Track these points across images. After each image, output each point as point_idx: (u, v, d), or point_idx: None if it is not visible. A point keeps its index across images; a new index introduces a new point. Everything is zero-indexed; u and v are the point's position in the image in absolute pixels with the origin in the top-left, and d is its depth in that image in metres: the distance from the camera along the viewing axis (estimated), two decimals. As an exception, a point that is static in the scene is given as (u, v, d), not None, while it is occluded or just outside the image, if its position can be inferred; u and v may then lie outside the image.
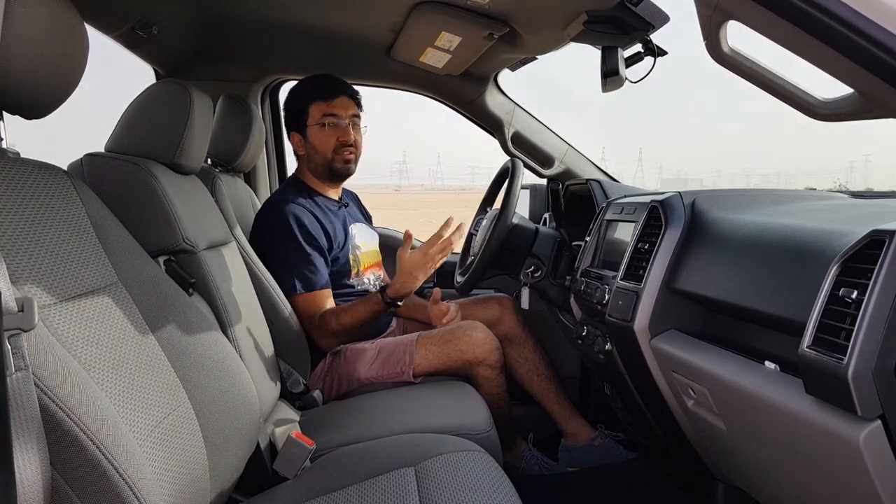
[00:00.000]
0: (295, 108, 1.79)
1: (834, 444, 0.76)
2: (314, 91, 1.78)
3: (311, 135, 1.78)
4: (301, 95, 1.79)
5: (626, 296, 1.23)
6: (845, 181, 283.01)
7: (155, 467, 0.81)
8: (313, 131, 1.77)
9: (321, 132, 1.76)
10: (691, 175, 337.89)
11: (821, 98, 0.94)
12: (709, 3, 0.88)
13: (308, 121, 1.77)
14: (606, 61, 1.52)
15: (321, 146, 1.77)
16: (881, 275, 0.69)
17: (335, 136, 1.76)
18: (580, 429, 1.86)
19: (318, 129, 1.76)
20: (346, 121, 1.77)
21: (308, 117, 1.77)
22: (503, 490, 0.99)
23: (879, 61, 0.74)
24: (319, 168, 1.80)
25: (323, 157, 1.78)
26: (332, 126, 1.76)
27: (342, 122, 1.76)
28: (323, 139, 1.76)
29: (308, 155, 1.80)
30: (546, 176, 2.19)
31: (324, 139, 1.76)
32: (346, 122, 1.77)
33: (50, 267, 0.81)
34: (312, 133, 1.77)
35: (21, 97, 0.81)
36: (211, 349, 1.06)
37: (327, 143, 1.76)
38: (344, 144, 1.77)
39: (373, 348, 1.68)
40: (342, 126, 1.77)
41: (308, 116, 1.77)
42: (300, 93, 1.80)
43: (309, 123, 1.77)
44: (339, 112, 1.76)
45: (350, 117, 1.78)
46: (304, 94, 1.79)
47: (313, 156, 1.79)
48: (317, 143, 1.77)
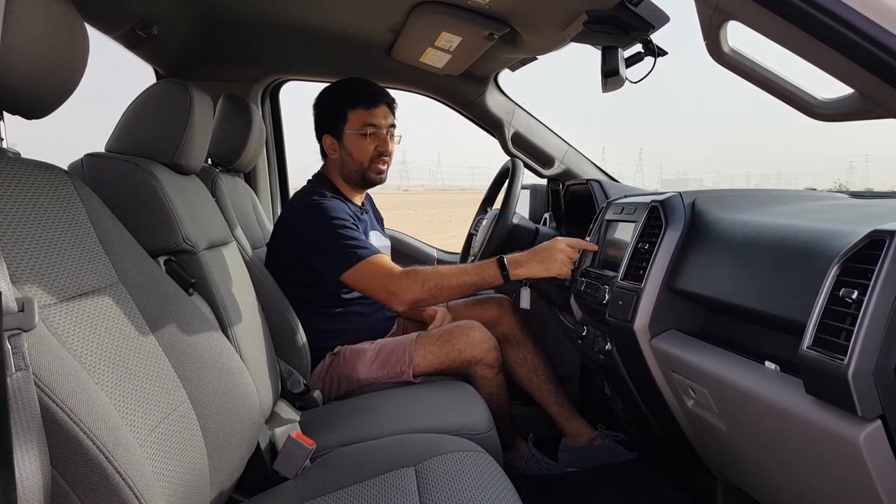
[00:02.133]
0: (332, 111, 1.75)
1: (834, 445, 0.76)
2: (355, 96, 1.73)
3: (349, 141, 1.74)
4: (339, 99, 1.75)
5: (627, 296, 1.23)
6: (845, 181, 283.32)
7: (155, 467, 0.81)
8: (351, 138, 1.73)
9: (360, 140, 1.73)
10: (691, 175, 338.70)
11: (821, 98, 0.94)
12: (709, 3, 0.88)
13: (346, 127, 1.73)
14: (607, 61, 1.52)
15: (359, 154, 1.74)
16: (881, 275, 0.69)
17: (374, 146, 1.73)
18: (580, 429, 1.86)
19: (357, 136, 1.73)
20: (385, 130, 1.74)
21: (346, 123, 1.73)
22: (503, 490, 0.99)
23: (879, 61, 0.74)
24: (353, 175, 1.77)
25: (359, 164, 1.74)
26: (371, 135, 1.72)
27: (381, 132, 1.73)
28: (361, 147, 1.73)
29: (342, 160, 1.76)
30: (546, 176, 2.19)
31: (362, 147, 1.73)
32: (385, 132, 1.74)
33: (50, 267, 0.81)
34: (350, 139, 1.74)
35: (21, 97, 0.81)
36: (211, 349, 1.06)
37: (365, 151, 1.73)
38: (381, 154, 1.74)
39: (372, 348, 1.68)
40: (381, 136, 1.73)
41: (346, 122, 1.73)
42: (338, 96, 1.75)
43: (347, 130, 1.73)
44: (380, 121, 1.73)
45: (388, 127, 1.75)
46: (343, 99, 1.74)
47: (348, 162, 1.75)
48: (354, 151, 1.74)
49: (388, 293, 1.56)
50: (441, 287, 1.54)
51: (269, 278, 1.60)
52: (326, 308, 1.73)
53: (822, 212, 1.04)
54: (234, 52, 2.01)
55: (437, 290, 1.54)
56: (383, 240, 1.93)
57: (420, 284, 1.54)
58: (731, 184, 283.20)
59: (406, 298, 1.55)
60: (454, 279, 1.55)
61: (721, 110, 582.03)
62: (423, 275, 1.54)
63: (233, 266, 1.39)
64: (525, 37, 1.66)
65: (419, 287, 1.53)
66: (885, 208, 1.07)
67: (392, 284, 1.55)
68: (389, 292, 1.55)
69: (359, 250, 1.58)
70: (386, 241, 1.95)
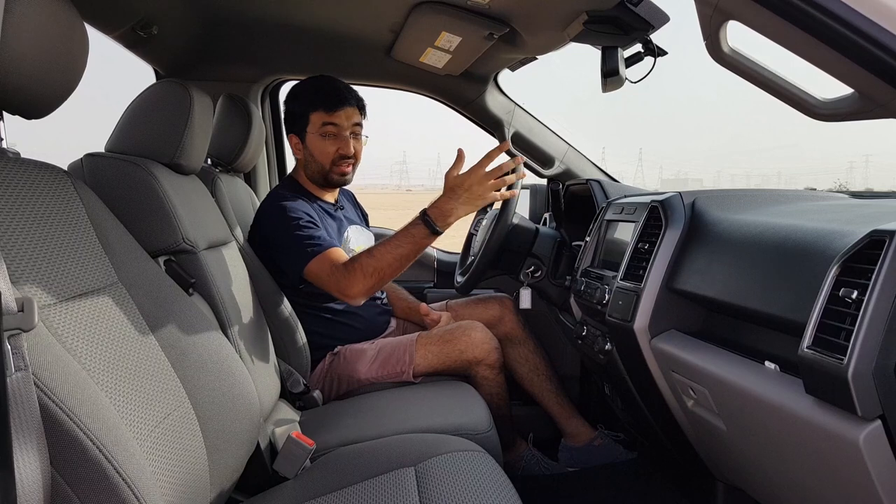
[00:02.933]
0: (295, 111, 1.73)
1: (834, 444, 0.76)
2: (316, 98, 1.70)
3: (310, 142, 1.72)
4: (302, 100, 1.73)
5: (626, 296, 1.23)
6: (845, 181, 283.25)
7: (155, 467, 0.81)
8: (312, 139, 1.71)
9: (321, 141, 1.70)
10: (691, 175, 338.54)
11: (821, 98, 0.94)
12: (709, 3, 0.88)
13: (308, 128, 1.71)
14: (606, 61, 1.52)
15: (319, 155, 1.72)
16: (881, 275, 0.69)
17: (335, 147, 1.70)
18: (580, 429, 1.86)
19: (318, 137, 1.71)
20: (347, 132, 1.71)
21: (308, 124, 1.71)
22: (503, 490, 0.99)
23: (879, 61, 0.74)
24: (315, 175, 1.75)
25: (320, 166, 1.72)
26: (331, 136, 1.70)
27: (343, 133, 1.71)
28: (322, 149, 1.71)
29: (305, 160, 1.76)
30: (546, 176, 2.19)
31: (323, 149, 1.71)
32: (347, 133, 1.71)
33: (50, 267, 0.81)
34: (311, 140, 1.72)
35: (21, 97, 0.81)
36: (211, 349, 1.06)
37: (326, 152, 1.71)
38: (343, 157, 1.72)
39: (372, 348, 1.68)
40: (343, 137, 1.71)
41: (308, 123, 1.71)
42: (301, 97, 1.73)
43: (308, 131, 1.71)
44: (341, 122, 1.70)
45: (351, 127, 1.71)
46: (305, 100, 1.72)
47: (310, 162, 1.74)
48: (315, 152, 1.72)
49: (338, 290, 1.51)
50: (381, 268, 1.47)
51: (269, 278, 1.60)
52: (325, 308, 1.73)
53: (822, 212, 1.04)
54: (234, 52, 2.01)
55: (379, 272, 1.48)
56: (366, 234, 1.92)
57: (361, 275, 1.47)
58: (731, 184, 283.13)
59: (354, 293, 1.50)
60: (389, 255, 1.47)
61: (721, 110, 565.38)
62: (360, 265, 1.48)
63: (232, 266, 1.39)
64: (525, 37, 1.66)
65: (361, 278, 1.47)
66: (885, 208, 1.07)
67: (340, 281, 1.50)
68: (339, 289, 1.51)
69: (310, 247, 1.54)
70: (370, 235, 1.93)
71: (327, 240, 1.58)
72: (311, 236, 1.57)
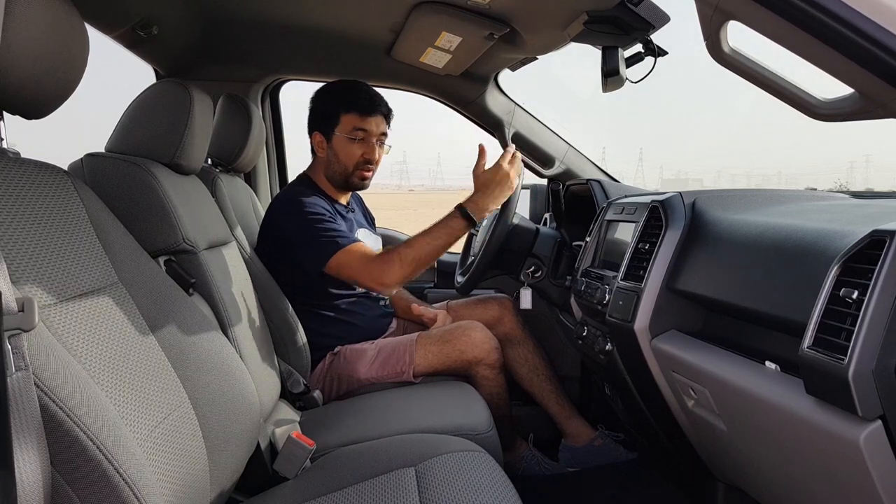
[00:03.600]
0: (326, 111, 1.74)
1: (834, 445, 0.76)
2: (351, 100, 1.72)
3: (337, 143, 1.73)
4: (335, 100, 1.74)
5: (627, 296, 1.23)
6: (845, 181, 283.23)
7: (155, 467, 0.81)
8: (340, 140, 1.73)
9: (348, 144, 1.72)
10: (692, 175, 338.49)
11: (821, 98, 0.94)
12: (709, 3, 0.88)
13: (338, 129, 1.72)
14: (607, 61, 1.52)
15: (345, 158, 1.73)
16: (881, 275, 0.69)
17: (361, 152, 1.72)
18: (580, 429, 1.86)
19: (346, 140, 1.72)
20: (375, 138, 1.73)
21: (338, 125, 1.72)
22: (503, 490, 0.99)
23: (879, 61, 0.74)
24: (336, 176, 1.76)
25: (344, 168, 1.74)
26: (360, 141, 1.72)
27: (370, 140, 1.73)
28: (348, 152, 1.73)
29: (328, 160, 1.76)
30: (546, 176, 2.19)
31: (349, 152, 1.72)
32: (374, 140, 1.73)
33: (50, 267, 0.81)
34: (338, 142, 1.73)
35: (21, 97, 0.81)
36: (211, 349, 1.06)
37: (352, 156, 1.73)
38: (367, 161, 1.74)
39: (372, 348, 1.68)
40: (370, 143, 1.73)
41: (338, 124, 1.72)
42: (335, 97, 1.75)
43: (337, 131, 1.73)
44: (371, 128, 1.72)
45: (379, 135, 1.74)
46: (339, 101, 1.73)
47: (333, 163, 1.75)
48: (341, 153, 1.73)
49: (372, 279, 1.56)
50: (419, 258, 1.54)
51: (269, 278, 1.60)
52: (326, 308, 1.73)
53: (822, 212, 1.04)
54: (234, 52, 2.01)
55: (416, 262, 1.54)
56: (374, 237, 1.92)
57: (399, 264, 1.53)
58: (731, 183, 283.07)
59: (391, 281, 1.55)
60: (427, 246, 1.55)
61: (721, 110, 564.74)
62: (399, 254, 1.54)
63: (233, 266, 1.39)
64: (525, 37, 1.66)
65: (398, 266, 1.53)
66: (885, 208, 1.07)
67: (375, 270, 1.54)
68: (373, 278, 1.55)
69: (338, 239, 1.57)
70: (377, 238, 1.94)
71: (351, 234, 1.62)
72: (336, 230, 1.59)
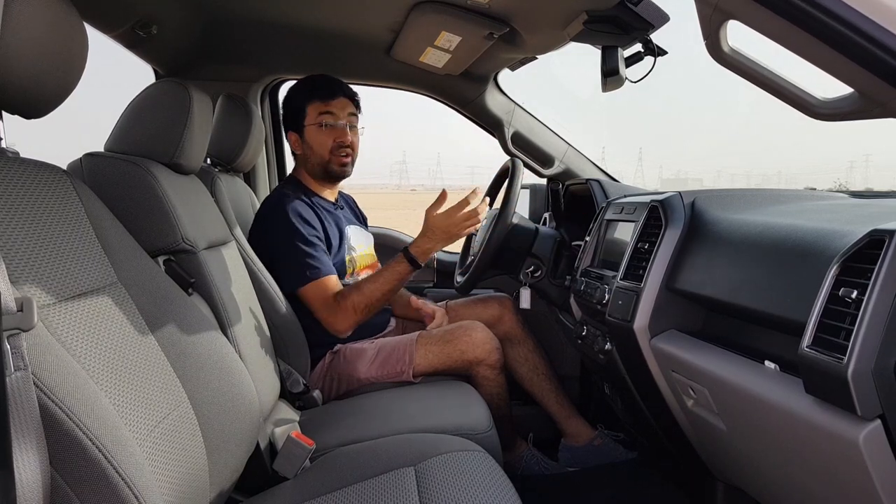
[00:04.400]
0: (293, 107, 1.79)
1: (834, 444, 0.75)
2: (312, 90, 1.78)
3: (309, 135, 1.78)
4: (299, 94, 1.79)
5: (626, 295, 1.23)
6: (845, 181, 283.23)
7: (154, 467, 0.81)
8: (310, 131, 1.77)
9: (318, 132, 1.76)
10: (691, 175, 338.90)
11: (821, 98, 0.94)
12: (709, 2, 0.88)
13: (305, 120, 1.77)
14: (606, 61, 1.52)
15: (318, 147, 1.77)
16: (881, 275, 0.69)
17: (332, 137, 1.76)
18: (580, 429, 1.86)
19: (316, 129, 1.76)
20: (343, 121, 1.77)
21: (305, 116, 1.77)
22: (503, 490, 0.99)
23: (879, 61, 0.74)
24: (316, 168, 1.80)
25: (320, 157, 1.78)
26: (328, 126, 1.76)
27: (339, 123, 1.76)
28: (320, 139, 1.76)
29: (305, 155, 1.80)
30: (546, 176, 2.19)
31: (321, 139, 1.76)
32: (344, 123, 1.77)
33: (49, 267, 0.81)
34: (310, 133, 1.77)
35: (20, 97, 0.81)
36: (210, 349, 1.06)
37: (324, 143, 1.76)
38: (341, 146, 1.77)
39: (372, 348, 1.68)
40: (339, 127, 1.77)
41: (305, 116, 1.77)
42: (298, 92, 1.80)
43: (306, 123, 1.77)
44: (337, 112, 1.76)
45: (347, 117, 1.78)
46: (301, 94, 1.79)
47: (310, 156, 1.79)
48: (314, 144, 1.77)
49: (326, 322, 1.64)
50: (370, 304, 1.63)
51: (269, 278, 1.60)
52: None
53: (821, 211, 1.04)
54: (234, 51, 2.01)
55: (367, 308, 1.63)
56: (364, 233, 1.94)
57: (352, 311, 1.61)
58: (731, 183, 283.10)
59: (342, 328, 1.63)
60: (377, 291, 1.63)
61: (721, 110, 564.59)
62: (351, 300, 1.61)
63: (232, 266, 1.39)
64: (525, 36, 1.66)
65: (352, 313, 1.62)
66: (885, 208, 1.07)
67: (329, 315, 1.63)
68: (328, 322, 1.64)
69: (309, 270, 1.62)
70: (368, 235, 1.97)
71: (326, 263, 1.65)
72: (312, 256, 1.63)
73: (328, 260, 1.68)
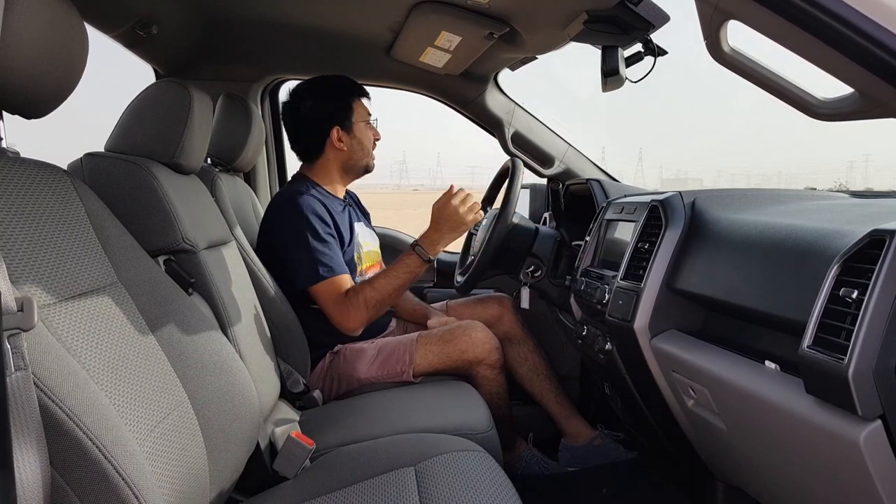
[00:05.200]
0: (338, 103, 1.78)
1: (834, 444, 0.75)
2: (356, 88, 1.80)
3: (358, 131, 1.79)
4: (344, 91, 1.79)
5: (627, 295, 1.23)
6: (845, 181, 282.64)
7: (155, 467, 0.81)
8: (360, 127, 1.79)
9: (367, 129, 1.81)
10: (691, 175, 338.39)
11: (821, 98, 0.94)
12: (709, 2, 0.88)
13: (354, 116, 1.78)
14: (607, 61, 1.52)
15: (367, 142, 1.81)
16: (881, 275, 0.69)
17: (372, 133, 1.82)
18: (580, 429, 1.86)
19: (365, 125, 1.80)
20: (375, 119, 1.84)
21: (353, 112, 1.78)
22: (503, 490, 0.99)
23: (879, 61, 0.74)
24: (358, 165, 1.82)
25: (367, 153, 1.81)
26: (371, 123, 1.82)
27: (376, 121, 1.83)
28: (368, 136, 1.80)
29: (350, 150, 1.79)
30: (546, 176, 2.19)
31: (368, 136, 1.80)
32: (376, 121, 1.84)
33: (49, 267, 0.81)
34: (359, 129, 1.79)
35: (21, 97, 0.81)
36: (211, 349, 1.06)
37: (370, 139, 1.81)
38: (376, 141, 1.83)
39: (372, 348, 1.68)
40: (376, 125, 1.84)
41: (353, 112, 1.78)
42: (342, 88, 1.80)
43: (355, 119, 1.78)
44: (371, 111, 1.83)
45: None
46: (348, 91, 1.79)
47: (357, 152, 1.80)
48: (363, 139, 1.80)
49: (337, 320, 1.63)
50: (381, 300, 1.63)
51: (269, 278, 1.60)
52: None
53: (821, 211, 1.04)
54: (234, 51, 2.01)
55: (379, 303, 1.63)
56: (370, 232, 1.94)
57: (364, 307, 1.61)
58: (731, 183, 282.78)
59: (354, 325, 1.63)
60: (389, 286, 1.62)
61: (721, 110, 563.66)
62: (363, 296, 1.61)
63: (232, 266, 1.39)
64: (525, 36, 1.66)
65: (364, 310, 1.61)
66: (885, 208, 1.07)
67: (341, 313, 1.62)
68: (339, 319, 1.63)
69: (321, 268, 1.61)
70: (373, 233, 1.96)
71: (339, 262, 1.65)
72: (325, 254, 1.63)
73: (341, 258, 1.67)
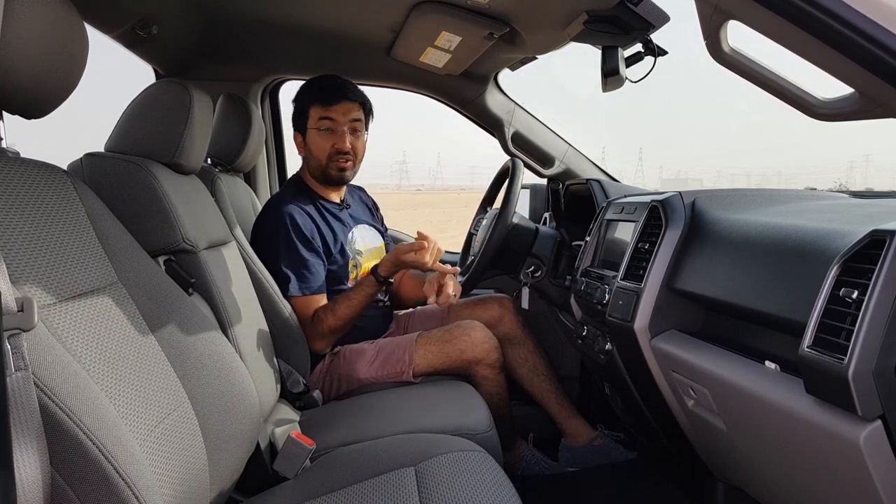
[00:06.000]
0: (297, 108, 1.77)
1: (834, 444, 0.75)
2: (315, 93, 1.73)
3: (310, 138, 1.75)
4: (303, 96, 1.76)
5: (627, 296, 1.23)
6: (845, 181, 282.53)
7: (155, 467, 0.81)
8: (311, 135, 1.74)
9: (318, 136, 1.73)
10: (691, 175, 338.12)
11: (821, 98, 0.94)
12: (709, 2, 0.88)
13: (308, 123, 1.74)
14: (607, 61, 1.52)
15: (317, 151, 1.74)
16: (881, 275, 0.69)
17: (331, 142, 1.71)
18: (580, 429, 1.86)
19: (315, 133, 1.73)
20: (344, 127, 1.71)
21: (308, 119, 1.74)
22: (503, 490, 0.99)
23: (879, 61, 0.74)
24: (316, 172, 1.77)
25: (318, 162, 1.74)
26: (327, 131, 1.71)
27: (339, 128, 1.71)
28: (319, 144, 1.73)
29: (307, 158, 1.78)
30: (546, 176, 2.19)
31: (320, 144, 1.72)
32: (343, 129, 1.71)
33: (49, 267, 0.81)
34: (311, 136, 1.75)
35: (21, 97, 0.81)
36: (211, 349, 1.06)
37: (323, 148, 1.72)
38: (339, 152, 1.72)
39: (372, 348, 1.68)
40: (338, 132, 1.71)
41: (308, 118, 1.74)
42: (303, 93, 1.77)
43: (308, 126, 1.74)
44: (337, 117, 1.71)
45: (349, 122, 1.72)
46: (305, 96, 1.75)
47: (310, 159, 1.77)
48: (313, 148, 1.74)
49: (307, 335, 1.66)
50: (343, 325, 1.66)
51: (269, 278, 1.60)
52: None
53: (822, 211, 1.04)
54: (234, 51, 2.01)
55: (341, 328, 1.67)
56: (373, 232, 1.91)
57: (327, 332, 1.65)
58: (731, 183, 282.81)
59: (318, 348, 1.67)
60: (348, 309, 1.65)
61: (721, 110, 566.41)
62: (327, 324, 1.64)
63: (232, 266, 1.39)
64: (525, 36, 1.66)
65: (327, 334, 1.66)
66: (885, 208, 1.07)
67: (308, 332, 1.65)
68: (307, 336, 1.66)
69: (293, 285, 1.64)
70: (376, 233, 1.93)
71: (314, 279, 1.67)
72: (299, 272, 1.65)
73: (319, 273, 1.67)
